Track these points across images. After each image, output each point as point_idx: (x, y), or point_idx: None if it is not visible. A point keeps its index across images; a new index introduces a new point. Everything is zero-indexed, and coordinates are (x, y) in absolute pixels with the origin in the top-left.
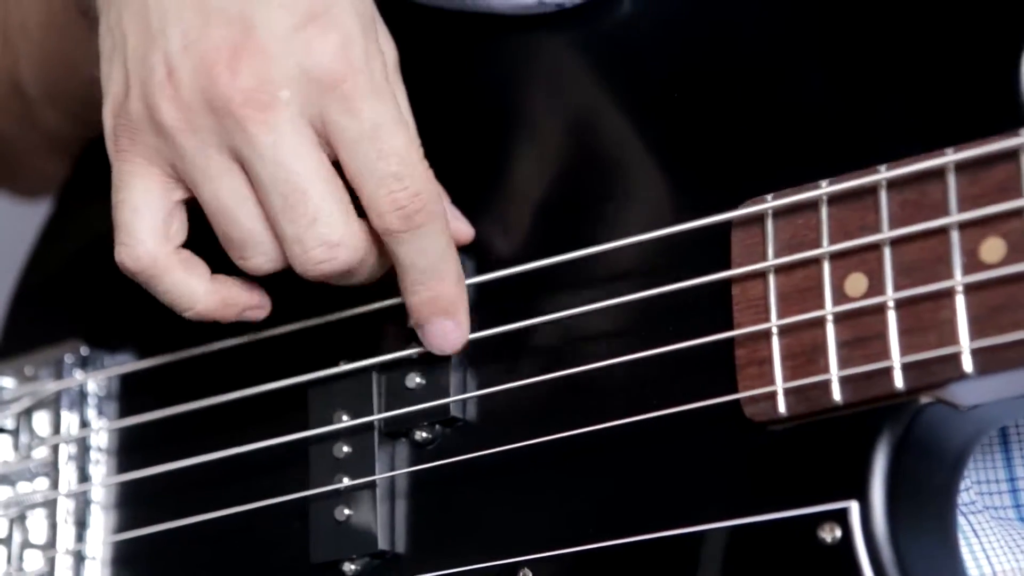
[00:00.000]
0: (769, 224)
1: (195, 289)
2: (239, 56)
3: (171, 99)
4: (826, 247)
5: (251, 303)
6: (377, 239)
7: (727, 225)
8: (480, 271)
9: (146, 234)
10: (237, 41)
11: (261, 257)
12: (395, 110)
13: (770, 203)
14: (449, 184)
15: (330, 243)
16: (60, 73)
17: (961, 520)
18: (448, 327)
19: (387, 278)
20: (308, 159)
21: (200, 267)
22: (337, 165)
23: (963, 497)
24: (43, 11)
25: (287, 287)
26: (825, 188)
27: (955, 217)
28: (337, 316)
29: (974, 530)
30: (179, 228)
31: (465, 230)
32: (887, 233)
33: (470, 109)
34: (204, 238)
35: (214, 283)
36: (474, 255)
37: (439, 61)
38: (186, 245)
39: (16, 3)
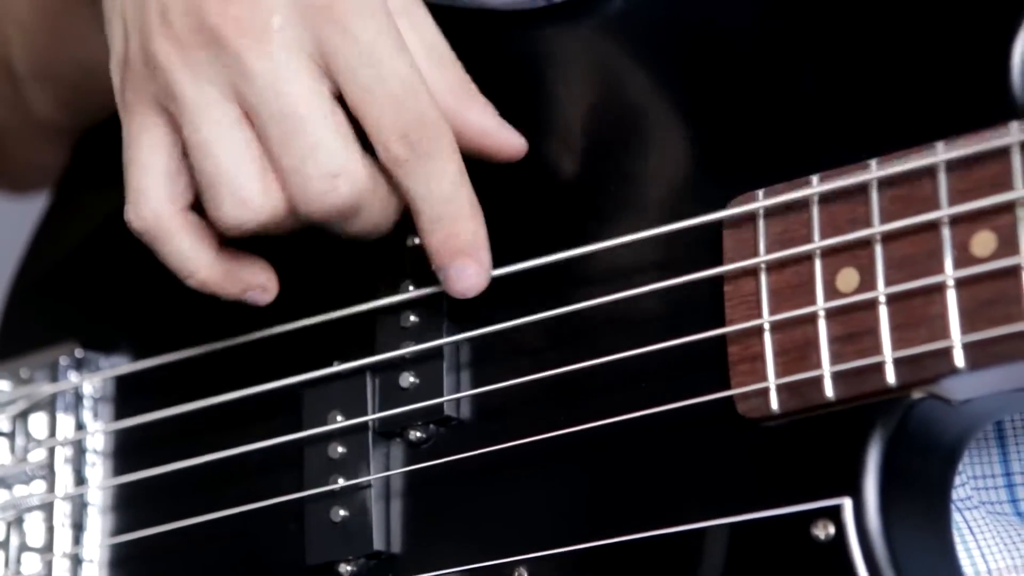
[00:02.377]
0: (760, 220)
1: (199, 256)
2: None
3: (166, 37)
4: (817, 243)
5: (256, 282)
6: (381, 172)
7: (719, 221)
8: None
9: (153, 192)
10: None
11: (233, 203)
12: (393, 31)
13: (761, 200)
14: None
15: (331, 172)
16: (52, 55)
17: (956, 516)
18: (469, 269)
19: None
20: (304, 86)
21: (208, 234)
22: (341, 103)
23: (958, 492)
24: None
25: (284, 286)
26: (815, 183)
27: (946, 211)
28: (330, 316)
29: (969, 526)
30: (186, 188)
31: (515, 141)
32: (878, 228)
33: None
34: None
35: (221, 253)
36: None
37: None
38: None
39: None
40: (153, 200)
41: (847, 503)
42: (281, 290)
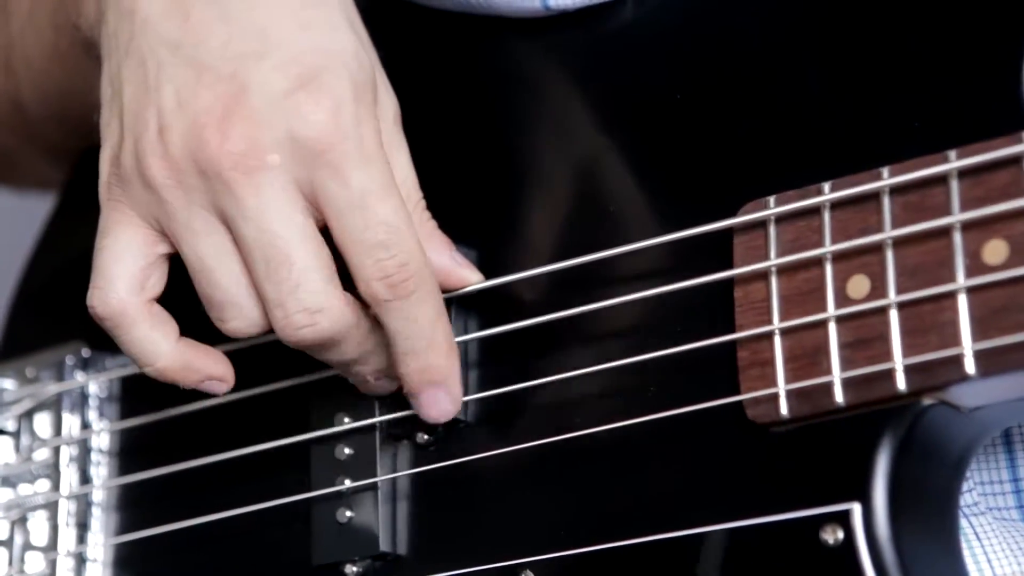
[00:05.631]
0: (771, 227)
1: (159, 346)
2: (229, 119)
3: (161, 157)
4: (828, 247)
5: (214, 373)
6: (363, 310)
7: (730, 228)
8: (484, 273)
9: (121, 282)
10: (228, 103)
11: (240, 320)
12: (385, 177)
13: (772, 207)
14: (450, 187)
15: (311, 309)
16: (64, 101)
17: (963, 522)
18: (440, 397)
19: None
20: (293, 224)
21: (169, 325)
22: (325, 231)
23: (966, 498)
24: (48, 47)
25: None
26: (827, 191)
27: (958, 217)
28: None
29: (976, 533)
30: (156, 282)
31: (472, 277)
32: (890, 233)
33: (472, 111)
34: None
35: (180, 344)
36: (479, 256)
37: (442, 62)
38: (171, 299)
39: (20, 38)
40: (121, 289)
41: (856, 508)
42: None
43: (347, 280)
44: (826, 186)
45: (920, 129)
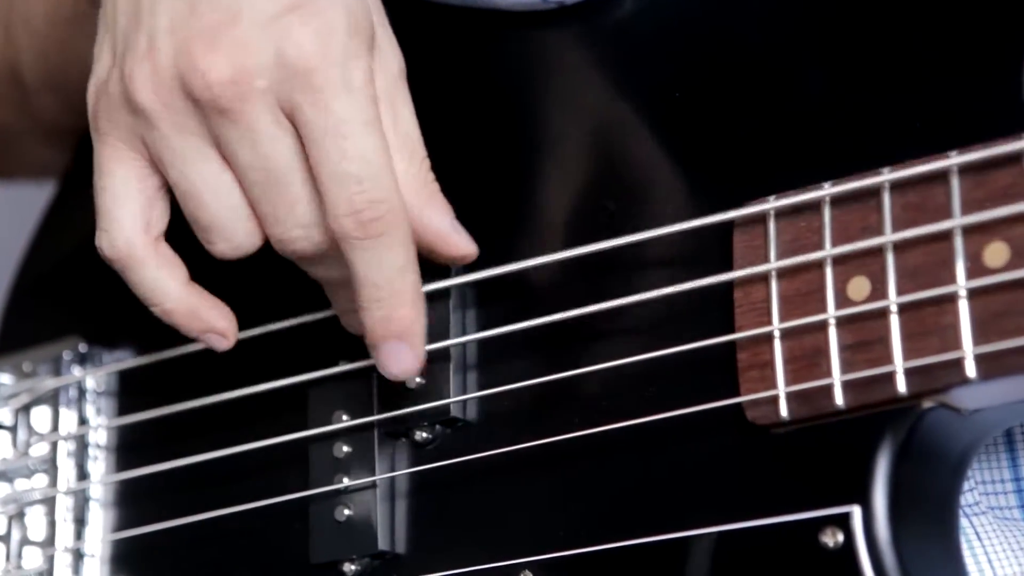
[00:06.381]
0: (771, 226)
1: (167, 287)
2: (217, 43)
3: (148, 77)
4: (828, 250)
5: (217, 326)
6: None
7: (730, 228)
8: (482, 269)
9: (127, 221)
10: (219, 28)
11: (224, 243)
12: (368, 112)
13: (772, 204)
14: (450, 181)
15: (306, 224)
16: (63, 64)
17: (964, 522)
18: (402, 351)
19: None
20: (285, 146)
21: (178, 268)
22: None
23: (967, 498)
24: (50, 5)
25: (287, 285)
26: (828, 190)
27: (959, 220)
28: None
29: (977, 533)
30: (160, 216)
31: (468, 247)
32: (890, 236)
33: (472, 105)
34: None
35: (189, 288)
36: (480, 250)
37: (441, 57)
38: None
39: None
40: (127, 229)
41: (856, 511)
42: (289, 289)
43: None
44: (826, 185)
45: (921, 130)
